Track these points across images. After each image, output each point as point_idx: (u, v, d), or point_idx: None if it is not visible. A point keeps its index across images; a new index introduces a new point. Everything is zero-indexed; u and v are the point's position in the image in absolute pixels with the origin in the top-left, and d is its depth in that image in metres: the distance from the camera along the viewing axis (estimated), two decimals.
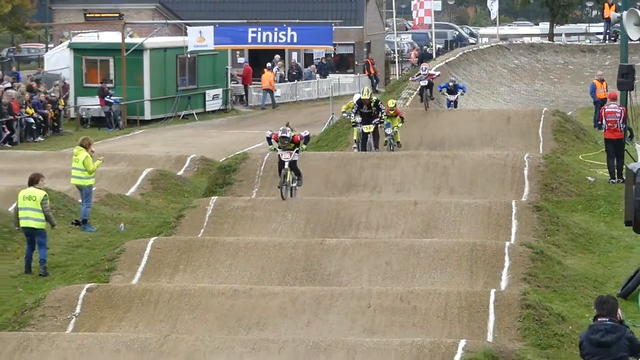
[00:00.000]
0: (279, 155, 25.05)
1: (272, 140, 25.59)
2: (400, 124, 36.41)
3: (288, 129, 24.48)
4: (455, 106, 41.64)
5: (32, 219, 26.84)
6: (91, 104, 51.21)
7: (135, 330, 21.75)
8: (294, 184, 24.97)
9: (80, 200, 30.40)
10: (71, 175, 30.81)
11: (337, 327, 22.46)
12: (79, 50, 53.32)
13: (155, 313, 23.13)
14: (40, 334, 21.42)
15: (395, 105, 36.67)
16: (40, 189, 27.19)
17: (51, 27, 66.80)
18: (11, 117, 47.33)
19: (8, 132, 46.46)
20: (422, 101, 39.22)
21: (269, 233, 28.78)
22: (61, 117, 50.50)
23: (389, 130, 35.50)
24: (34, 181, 27.99)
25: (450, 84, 43.52)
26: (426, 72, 39.41)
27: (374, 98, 29.45)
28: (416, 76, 40.43)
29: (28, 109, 47.93)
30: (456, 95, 42.11)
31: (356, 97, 33.73)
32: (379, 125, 29.59)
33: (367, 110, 30.17)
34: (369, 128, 29.18)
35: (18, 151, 44.79)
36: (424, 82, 39.30)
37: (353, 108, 31.16)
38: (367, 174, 33.78)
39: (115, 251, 27.13)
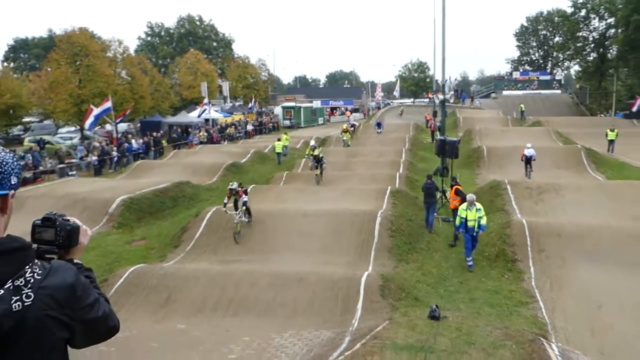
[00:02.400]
0: (230, 214, 15.36)
1: (226, 199, 15.42)
2: (351, 136, 35.13)
3: (235, 183, 15.46)
4: (382, 132, 39.06)
5: (279, 150, 29.97)
6: (286, 122, 59.88)
7: (297, 185, 22.93)
8: (246, 220, 15.28)
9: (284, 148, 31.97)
10: (282, 142, 31.74)
11: (355, 184, 22.66)
12: (284, 108, 63.99)
13: (299, 181, 24.41)
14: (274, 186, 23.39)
15: (347, 126, 36.02)
16: (279, 142, 30.83)
17: (274, 102, 76.64)
18: (264, 125, 56.02)
19: (265, 130, 54.27)
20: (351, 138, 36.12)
21: (334, 156, 29.71)
22: (278, 125, 59.03)
23: (345, 137, 34.01)
24: (279, 139, 31.31)
25: (379, 122, 42.46)
26: (353, 122, 41.83)
27: (320, 155, 23.56)
28: (351, 122, 41.39)
29: (268, 123, 58.25)
30: (381, 129, 39.54)
31: (312, 142, 27.76)
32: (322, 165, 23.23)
33: (318, 161, 22.76)
34: (317, 170, 22.84)
35: (266, 136, 49.50)
36: (353, 123, 39.64)
37: (311, 161, 24.00)
38: (357, 151, 32.61)
39: (295, 162, 29.47)
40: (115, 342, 1.72)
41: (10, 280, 1.59)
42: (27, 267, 1.63)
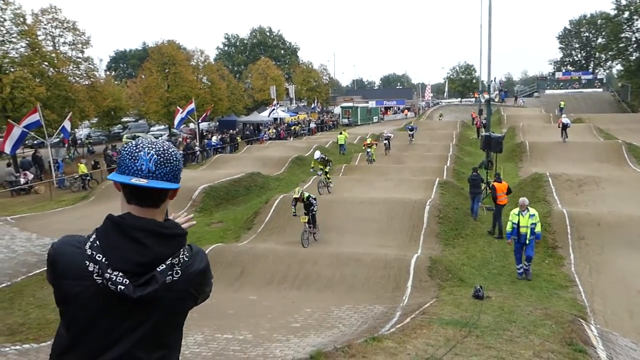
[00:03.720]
0: None
1: None
2: (375, 147, 27.06)
3: None
4: (413, 137, 31.82)
5: (342, 142, 28.41)
6: (345, 121, 57.74)
7: (354, 176, 22.89)
8: None
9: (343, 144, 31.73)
10: (343, 135, 31.86)
11: (407, 175, 22.15)
12: (343, 107, 62.07)
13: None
14: (334, 177, 23.06)
15: (370, 140, 27.65)
16: (341, 135, 30.55)
17: (334, 103, 76.24)
18: (325, 123, 55.25)
19: (326, 128, 53.65)
20: (385, 147, 28.80)
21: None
22: (337, 123, 57.60)
23: (369, 151, 26.03)
24: (341, 133, 31.20)
25: (410, 125, 35.09)
26: (387, 135, 29.50)
27: (308, 197, 13.39)
28: (385, 135, 29.95)
29: (328, 121, 57.19)
30: (413, 132, 32.01)
31: (316, 154, 19.39)
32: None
33: (307, 208, 13.41)
34: (305, 218, 13.19)
35: (327, 132, 48.92)
36: (388, 136, 28.88)
37: (293, 204, 13.78)
38: (408, 146, 31.03)
39: (352, 156, 29.63)
40: (196, 309, 1.80)
41: (170, 258, 1.74)
42: (182, 249, 1.81)
